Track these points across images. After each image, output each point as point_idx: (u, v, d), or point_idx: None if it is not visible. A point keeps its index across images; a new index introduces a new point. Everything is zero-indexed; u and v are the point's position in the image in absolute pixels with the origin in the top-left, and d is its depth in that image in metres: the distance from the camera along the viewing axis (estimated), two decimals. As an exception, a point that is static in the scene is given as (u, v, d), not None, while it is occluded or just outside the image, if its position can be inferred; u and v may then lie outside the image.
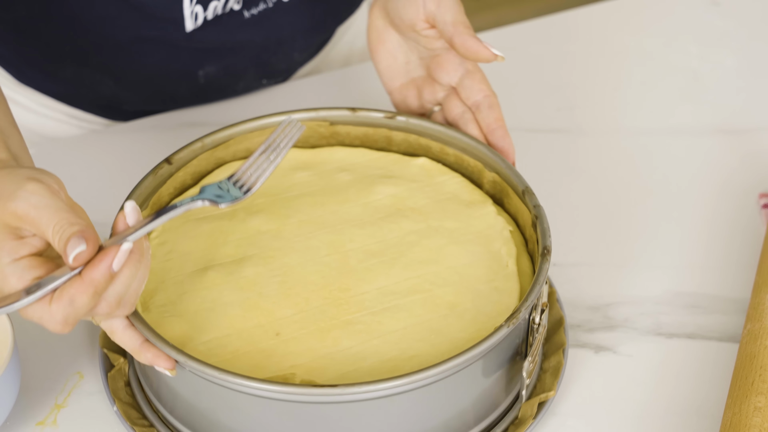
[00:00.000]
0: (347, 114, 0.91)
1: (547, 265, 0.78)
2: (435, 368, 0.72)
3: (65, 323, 0.68)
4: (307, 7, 1.08)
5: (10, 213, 0.69)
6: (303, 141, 0.92)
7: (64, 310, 0.68)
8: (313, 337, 0.78)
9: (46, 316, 0.68)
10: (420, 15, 0.88)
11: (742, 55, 1.18)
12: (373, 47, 0.93)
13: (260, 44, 1.06)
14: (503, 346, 0.76)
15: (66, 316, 0.68)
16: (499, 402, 0.79)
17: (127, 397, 0.82)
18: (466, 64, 0.90)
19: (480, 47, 0.86)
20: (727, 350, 0.87)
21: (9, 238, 0.69)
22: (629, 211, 0.99)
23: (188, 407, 0.77)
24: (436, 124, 0.90)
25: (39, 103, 1.09)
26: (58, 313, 0.68)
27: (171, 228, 0.86)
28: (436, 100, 0.92)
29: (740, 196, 0.99)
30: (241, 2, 1.02)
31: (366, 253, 0.83)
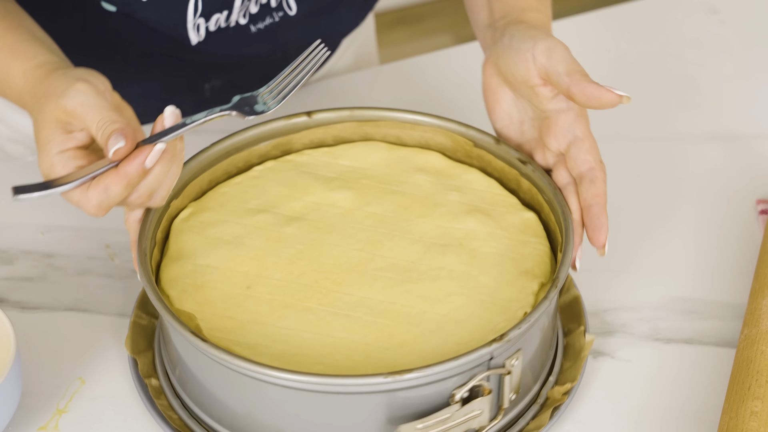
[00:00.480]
0: (490, 141, 0.91)
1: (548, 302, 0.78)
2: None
3: (99, 207, 0.77)
4: (313, 21, 1.09)
5: (61, 109, 0.78)
6: (450, 151, 0.93)
7: (99, 196, 0.76)
8: (270, 306, 0.81)
9: (83, 200, 0.77)
10: (532, 70, 0.85)
11: (739, 62, 1.18)
12: (489, 107, 0.90)
13: (266, 59, 1.07)
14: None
15: (100, 201, 0.77)
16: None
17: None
18: (575, 130, 0.85)
19: (602, 92, 0.82)
20: (725, 355, 0.87)
21: (59, 132, 0.78)
22: (627, 217, 0.99)
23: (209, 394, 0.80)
24: (553, 188, 0.86)
25: None
26: (94, 198, 0.77)
27: (276, 169, 0.92)
28: (547, 165, 0.88)
29: (738, 202, 1.00)
30: (247, 16, 1.02)
31: (390, 265, 0.84)
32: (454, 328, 0.79)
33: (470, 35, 2.68)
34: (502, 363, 0.76)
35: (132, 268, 0.94)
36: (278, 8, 1.04)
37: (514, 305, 0.80)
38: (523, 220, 0.87)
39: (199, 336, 0.75)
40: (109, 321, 0.90)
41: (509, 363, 0.76)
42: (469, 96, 1.14)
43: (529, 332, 0.78)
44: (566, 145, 0.85)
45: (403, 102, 1.12)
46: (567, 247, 0.80)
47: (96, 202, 0.77)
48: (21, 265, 0.94)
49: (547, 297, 0.77)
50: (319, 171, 0.92)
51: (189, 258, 0.84)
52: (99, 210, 0.77)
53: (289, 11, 1.05)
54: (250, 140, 0.92)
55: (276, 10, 1.04)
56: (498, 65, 0.88)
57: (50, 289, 0.92)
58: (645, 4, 1.27)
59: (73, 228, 0.98)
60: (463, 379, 0.75)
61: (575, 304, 0.88)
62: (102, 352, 0.88)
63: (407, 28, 2.77)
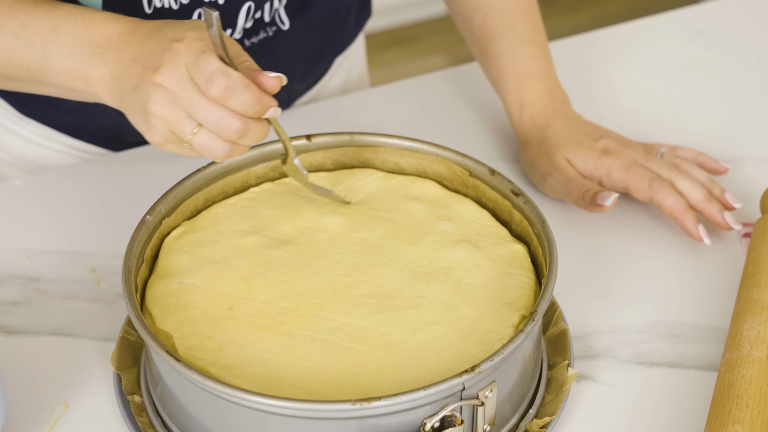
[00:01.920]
0: (485, 172, 0.91)
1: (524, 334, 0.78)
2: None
3: (220, 89, 0.78)
4: (306, 37, 1.09)
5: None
6: (447, 179, 0.94)
7: (231, 81, 0.78)
8: (249, 328, 0.81)
9: (220, 75, 0.78)
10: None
11: (724, 85, 1.19)
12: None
13: None
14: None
15: (228, 86, 0.78)
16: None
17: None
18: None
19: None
20: (707, 379, 0.88)
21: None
22: (610, 240, 1.00)
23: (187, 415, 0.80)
24: (541, 222, 0.87)
25: (41, 135, 1.10)
26: (228, 81, 0.78)
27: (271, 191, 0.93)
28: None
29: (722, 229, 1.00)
30: (241, 31, 1.03)
31: (373, 292, 0.84)
32: (431, 357, 0.79)
33: (464, 56, 2.69)
34: (476, 394, 0.76)
35: (118, 293, 0.95)
36: (271, 23, 1.05)
37: (492, 337, 0.81)
38: (511, 252, 0.88)
39: (173, 355, 0.76)
40: (95, 345, 0.90)
41: (482, 394, 0.76)
42: (461, 118, 1.14)
43: (506, 364, 0.78)
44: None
45: (396, 125, 1.12)
46: (549, 282, 0.81)
47: (224, 85, 0.77)
48: (7, 290, 0.95)
49: (523, 330, 0.77)
50: (314, 195, 0.92)
51: (175, 276, 0.85)
52: (215, 87, 0.78)
53: (282, 26, 1.06)
54: (247, 161, 0.93)
55: (269, 25, 1.05)
56: (572, 162, 1.01)
57: (36, 313, 0.93)
58: (631, 27, 1.27)
59: (60, 252, 0.98)
60: (434, 409, 0.75)
61: (562, 338, 0.88)
62: (87, 377, 0.88)
63: (401, 49, 2.78)
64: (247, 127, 0.80)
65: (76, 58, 0.85)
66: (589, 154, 1.00)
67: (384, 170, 0.95)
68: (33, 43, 0.85)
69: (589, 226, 1.01)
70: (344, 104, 1.17)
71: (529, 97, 1.04)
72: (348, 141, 0.94)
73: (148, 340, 0.77)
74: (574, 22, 2.87)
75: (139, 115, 0.82)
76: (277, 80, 0.80)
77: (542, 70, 1.05)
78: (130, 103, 0.82)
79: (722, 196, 0.99)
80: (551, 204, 1.03)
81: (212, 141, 0.80)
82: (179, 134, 0.80)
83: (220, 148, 0.80)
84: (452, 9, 1.11)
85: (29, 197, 1.04)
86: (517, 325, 0.82)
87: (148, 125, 0.81)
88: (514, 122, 1.06)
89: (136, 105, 0.82)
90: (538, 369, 0.85)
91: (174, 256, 0.87)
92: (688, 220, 0.96)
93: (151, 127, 0.81)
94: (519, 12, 1.06)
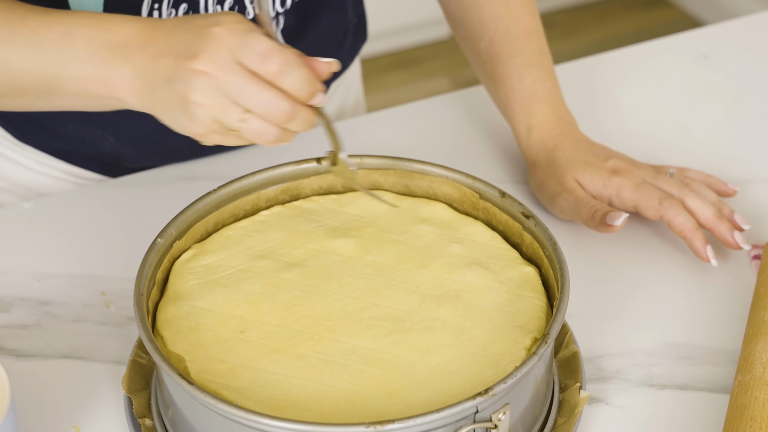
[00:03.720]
0: (495, 194, 0.91)
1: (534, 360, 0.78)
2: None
3: (278, 63, 0.77)
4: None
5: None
6: (457, 201, 0.94)
7: (288, 57, 0.77)
8: (261, 351, 0.81)
9: (276, 51, 0.77)
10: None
11: (731, 107, 1.19)
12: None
13: None
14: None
15: (285, 61, 0.77)
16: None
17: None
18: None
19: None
20: (719, 401, 0.87)
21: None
22: (620, 262, 1.00)
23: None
24: (552, 244, 0.87)
25: (38, 162, 1.10)
26: (285, 57, 0.77)
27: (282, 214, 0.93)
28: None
29: (731, 249, 1.00)
30: None
31: (385, 314, 0.84)
32: (443, 379, 0.79)
33: (466, 79, 2.70)
34: (489, 417, 0.76)
35: (128, 316, 0.95)
36: None
37: (505, 359, 0.80)
38: (522, 275, 0.88)
39: (186, 378, 0.75)
40: (105, 368, 0.90)
41: (496, 417, 0.76)
42: (468, 140, 1.15)
43: (519, 387, 0.78)
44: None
45: (405, 148, 1.12)
46: (561, 304, 0.81)
47: (282, 60, 0.76)
48: (17, 313, 0.95)
49: (536, 353, 0.77)
50: (324, 218, 0.92)
51: (186, 299, 0.85)
52: (273, 63, 0.76)
53: None
54: (258, 184, 0.93)
55: None
56: (581, 183, 1.01)
57: (46, 336, 0.93)
58: (637, 50, 1.28)
59: (69, 275, 0.98)
60: (448, 431, 0.75)
61: (573, 360, 0.88)
62: (97, 400, 0.88)
63: (403, 72, 2.79)
64: (296, 111, 0.78)
65: (94, 60, 0.81)
66: (598, 174, 1.00)
67: (394, 192, 0.95)
68: (47, 50, 0.82)
69: (598, 247, 1.01)
70: (352, 127, 1.17)
71: (537, 120, 1.04)
72: (358, 164, 0.94)
73: (161, 363, 0.77)
74: (576, 45, 2.88)
75: (178, 108, 0.78)
76: (328, 65, 0.79)
77: (549, 93, 1.05)
78: (164, 98, 0.79)
79: (731, 216, 0.99)
80: (561, 225, 1.03)
81: (262, 126, 0.78)
82: (226, 122, 0.78)
83: (270, 132, 0.78)
84: (458, 34, 1.11)
85: (38, 220, 1.04)
86: (529, 348, 0.82)
87: (189, 116, 0.78)
88: (522, 145, 1.06)
89: (172, 98, 0.78)
90: (550, 391, 0.85)
91: (184, 279, 0.87)
92: (697, 239, 0.96)
93: (193, 117, 0.78)
94: (525, 35, 1.06)
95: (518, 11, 1.06)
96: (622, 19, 2.98)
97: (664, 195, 0.98)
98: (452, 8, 1.10)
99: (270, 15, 0.76)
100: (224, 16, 0.78)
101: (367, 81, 2.68)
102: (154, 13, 0.96)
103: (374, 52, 2.82)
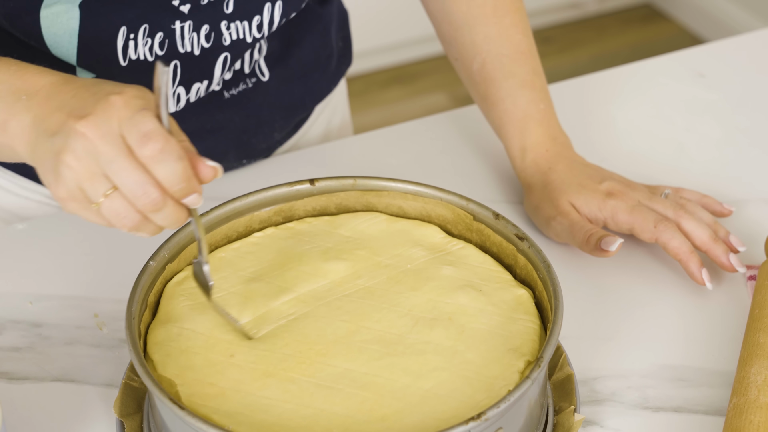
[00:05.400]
0: (489, 216, 0.91)
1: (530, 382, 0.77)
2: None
3: (157, 150, 0.73)
4: (285, 87, 1.10)
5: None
6: (451, 223, 0.93)
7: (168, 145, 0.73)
8: (252, 375, 0.80)
9: (158, 135, 0.73)
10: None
11: (728, 127, 1.19)
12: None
13: (240, 125, 1.08)
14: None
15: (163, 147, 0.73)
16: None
17: None
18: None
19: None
20: (714, 424, 0.87)
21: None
22: (614, 283, 0.99)
23: None
24: (546, 266, 0.86)
25: (20, 186, 1.09)
26: (167, 144, 0.73)
27: (275, 236, 0.93)
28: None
29: (726, 271, 1.00)
30: (221, 83, 1.03)
31: (376, 337, 0.83)
32: (436, 403, 0.79)
33: (464, 94, 2.70)
34: None
35: (121, 338, 0.94)
36: (251, 74, 1.05)
37: (498, 383, 0.80)
38: (515, 297, 0.87)
39: (177, 403, 0.75)
40: (97, 391, 0.90)
41: None
42: (463, 160, 1.14)
43: (512, 410, 0.77)
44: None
45: (399, 167, 1.12)
46: (554, 327, 0.80)
47: (160, 146, 0.72)
48: (9, 335, 0.94)
49: (529, 376, 0.77)
50: (317, 240, 0.92)
51: (176, 321, 0.85)
52: (149, 147, 0.72)
53: (262, 77, 1.06)
54: (251, 206, 0.93)
55: (249, 77, 1.05)
56: (576, 206, 1.01)
57: (38, 359, 0.92)
58: (632, 69, 1.28)
59: (62, 297, 0.98)
60: None
61: (567, 383, 0.87)
62: (89, 423, 0.87)
63: (401, 87, 2.79)
64: (165, 203, 0.74)
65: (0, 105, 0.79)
66: (593, 197, 1.00)
67: (388, 214, 0.95)
68: None
69: (593, 269, 1.01)
70: (348, 146, 1.17)
71: (531, 142, 1.04)
72: (351, 185, 0.94)
73: (152, 387, 0.76)
74: (573, 60, 2.89)
75: (49, 164, 0.74)
76: (212, 170, 0.75)
77: (543, 114, 1.05)
78: (43, 151, 0.75)
79: (727, 238, 0.99)
80: (555, 246, 1.03)
81: (124, 208, 0.74)
82: (89, 192, 0.74)
83: (130, 218, 0.74)
84: (450, 54, 1.11)
85: (31, 242, 1.04)
86: (523, 371, 0.81)
87: (56, 176, 0.74)
88: (516, 167, 1.06)
89: (48, 152, 0.74)
90: (545, 414, 0.85)
91: (175, 301, 0.87)
92: (692, 262, 0.96)
93: (59, 178, 0.74)
94: (518, 56, 1.06)
95: (510, 31, 1.06)
96: (619, 35, 2.98)
97: (659, 218, 0.97)
98: (444, 28, 1.10)
99: (165, 93, 0.72)
100: (130, 88, 0.75)
101: (365, 97, 2.69)
102: (130, 43, 0.95)
103: (372, 68, 2.82)
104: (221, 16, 0.98)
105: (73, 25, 0.92)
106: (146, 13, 0.94)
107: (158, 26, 0.95)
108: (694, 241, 0.97)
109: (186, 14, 0.96)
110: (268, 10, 0.99)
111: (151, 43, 0.96)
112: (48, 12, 0.91)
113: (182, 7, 0.95)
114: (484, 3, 1.06)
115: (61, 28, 0.92)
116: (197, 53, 0.99)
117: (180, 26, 0.96)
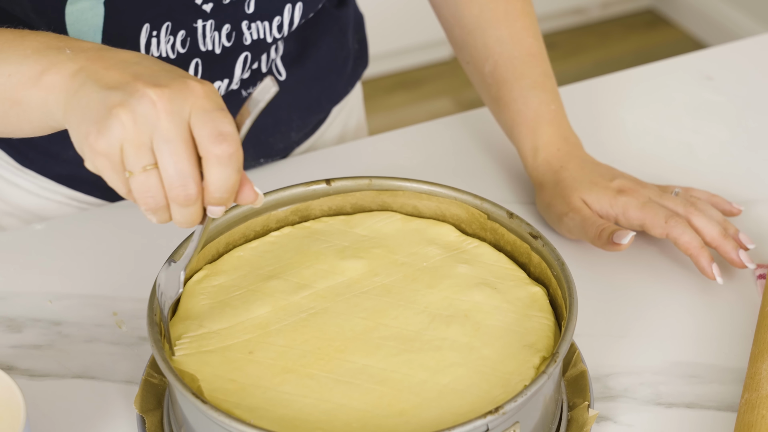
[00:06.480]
0: (503, 215, 0.92)
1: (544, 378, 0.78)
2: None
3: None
4: (303, 87, 1.11)
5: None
6: (465, 222, 0.95)
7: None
8: (271, 371, 0.81)
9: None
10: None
11: (735, 128, 1.20)
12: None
13: (258, 124, 1.09)
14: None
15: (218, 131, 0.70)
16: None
17: None
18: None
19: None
20: (726, 420, 0.88)
21: None
22: (626, 281, 1.01)
23: None
24: (560, 264, 0.87)
25: (40, 186, 1.11)
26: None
27: (292, 235, 0.94)
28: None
29: (736, 267, 1.01)
30: (238, 81, 1.04)
31: (394, 334, 0.85)
32: (453, 398, 0.80)
33: (469, 99, 2.71)
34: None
35: (140, 336, 0.95)
36: (268, 73, 1.06)
37: (514, 378, 0.81)
38: (530, 295, 0.89)
39: (200, 398, 0.76)
40: (117, 388, 0.91)
41: None
42: (475, 161, 1.16)
43: (528, 405, 0.78)
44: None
45: (412, 169, 1.13)
46: (569, 323, 0.81)
47: (231, 152, 0.70)
48: (29, 333, 0.95)
49: (545, 371, 0.78)
50: (334, 239, 0.93)
51: (195, 319, 0.86)
52: (223, 147, 0.69)
53: (279, 77, 1.08)
54: (268, 205, 0.94)
55: (266, 75, 1.06)
56: (587, 202, 1.02)
57: (58, 356, 0.93)
58: (640, 72, 1.29)
59: (81, 296, 0.99)
60: None
61: (581, 379, 0.89)
62: (110, 420, 0.88)
63: (406, 93, 2.80)
64: (195, 202, 0.71)
65: (36, 57, 0.74)
66: (605, 193, 1.01)
67: (403, 213, 0.96)
68: None
69: (605, 267, 1.02)
70: (360, 149, 1.18)
71: (543, 142, 1.06)
72: (367, 185, 0.96)
73: (175, 383, 0.78)
74: (578, 65, 2.90)
75: (96, 114, 0.69)
76: (254, 195, 0.74)
77: (554, 115, 1.06)
78: (90, 99, 0.70)
79: (736, 235, 1.00)
80: (568, 245, 1.04)
81: (155, 189, 0.70)
82: (129, 158, 0.70)
83: (155, 200, 0.71)
84: (462, 57, 1.12)
85: (50, 242, 1.05)
86: (538, 367, 0.83)
87: (101, 126, 0.68)
88: (528, 166, 1.07)
89: (99, 103, 0.69)
90: (559, 410, 0.86)
91: (195, 299, 0.88)
92: (703, 257, 0.97)
93: (105, 129, 0.68)
94: (529, 58, 1.08)
95: (522, 34, 1.08)
96: (623, 40, 3.00)
97: (670, 213, 0.99)
98: (456, 32, 1.11)
99: (256, 112, 0.72)
100: (206, 82, 0.72)
101: (370, 102, 2.70)
102: (152, 40, 0.97)
103: (377, 73, 2.83)
104: (242, 16, 0.99)
105: (98, 22, 0.94)
106: (169, 11, 0.96)
107: (181, 24, 0.97)
108: (704, 237, 0.99)
109: (208, 13, 0.97)
110: (289, 10, 1.01)
111: (174, 41, 0.97)
112: (73, 8, 0.92)
113: (205, 6, 0.96)
114: (495, 7, 1.08)
115: (85, 25, 0.93)
116: (218, 52, 1.00)
117: (202, 25, 0.98)
